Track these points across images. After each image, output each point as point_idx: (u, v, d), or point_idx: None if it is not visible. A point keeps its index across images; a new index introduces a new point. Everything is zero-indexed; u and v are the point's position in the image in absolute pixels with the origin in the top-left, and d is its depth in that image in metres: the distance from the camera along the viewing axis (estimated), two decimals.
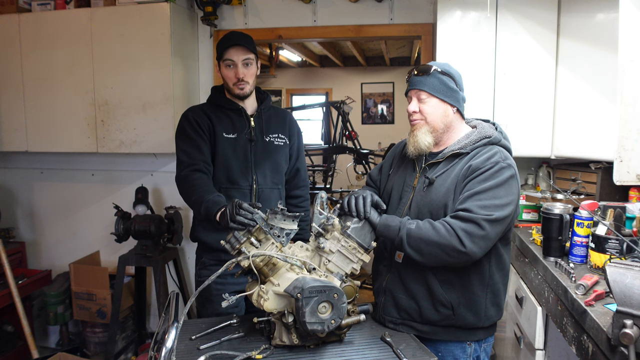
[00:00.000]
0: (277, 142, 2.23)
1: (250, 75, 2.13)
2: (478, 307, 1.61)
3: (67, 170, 3.63)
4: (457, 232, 1.46)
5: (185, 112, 2.18)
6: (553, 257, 1.91)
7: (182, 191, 2.02)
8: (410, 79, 1.68)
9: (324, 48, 6.80)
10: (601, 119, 2.36)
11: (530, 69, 2.58)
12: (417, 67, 1.69)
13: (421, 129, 1.65)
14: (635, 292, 1.11)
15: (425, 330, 1.64)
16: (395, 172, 1.81)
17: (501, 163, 1.55)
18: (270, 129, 2.23)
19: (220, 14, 3.25)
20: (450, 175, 1.60)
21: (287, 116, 2.35)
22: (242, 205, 1.58)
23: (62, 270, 3.58)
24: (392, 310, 1.68)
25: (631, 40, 1.68)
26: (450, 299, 1.59)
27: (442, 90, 1.63)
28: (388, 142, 5.80)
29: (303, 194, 2.39)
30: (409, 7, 3.08)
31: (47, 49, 3.14)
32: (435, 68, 1.64)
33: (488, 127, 1.69)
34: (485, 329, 1.67)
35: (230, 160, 2.12)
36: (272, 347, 1.49)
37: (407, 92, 1.70)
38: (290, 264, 1.50)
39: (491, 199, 1.49)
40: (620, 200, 2.24)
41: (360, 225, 1.54)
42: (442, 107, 1.64)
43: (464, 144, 1.63)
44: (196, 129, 2.10)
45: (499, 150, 1.60)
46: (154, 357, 1.42)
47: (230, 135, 2.13)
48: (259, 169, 2.16)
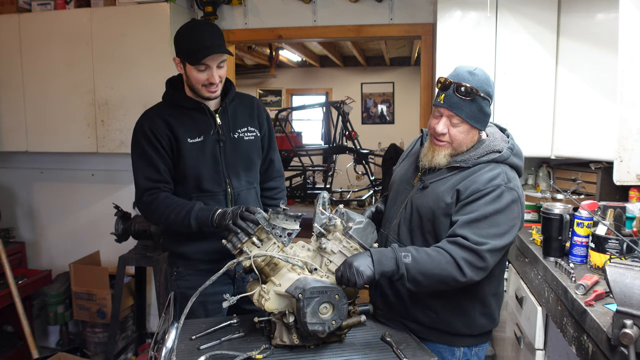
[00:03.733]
0: (247, 137, 2.00)
1: (223, 76, 1.90)
2: (466, 316, 1.57)
3: (67, 170, 3.63)
4: (459, 262, 1.40)
5: (140, 121, 1.91)
6: (553, 257, 1.91)
7: (152, 215, 1.89)
8: (446, 93, 1.49)
9: (324, 48, 6.81)
10: (601, 119, 2.36)
11: (530, 69, 2.58)
12: (459, 84, 1.47)
13: (444, 150, 1.54)
14: (635, 292, 1.11)
15: (413, 327, 1.61)
16: (403, 165, 1.76)
17: (503, 187, 1.45)
18: (238, 123, 1.99)
19: (220, 14, 3.25)
20: (445, 185, 1.53)
21: (254, 102, 2.10)
22: (246, 207, 1.60)
23: (62, 270, 3.58)
24: (382, 306, 1.67)
25: (631, 40, 1.68)
26: (435, 304, 1.56)
27: (478, 117, 1.50)
28: (388, 142, 5.81)
29: (278, 184, 2.20)
30: (409, 7, 3.08)
31: (47, 49, 3.14)
32: (479, 93, 1.47)
33: (500, 140, 1.58)
34: (475, 337, 1.61)
35: (200, 168, 1.89)
36: (272, 347, 1.49)
37: (437, 106, 1.53)
38: (292, 264, 1.50)
39: (490, 227, 1.43)
40: (620, 200, 2.24)
41: (362, 226, 1.54)
42: (472, 133, 1.54)
43: (468, 157, 1.55)
44: (153, 143, 1.85)
45: (504, 171, 1.50)
46: (154, 357, 1.43)
47: (195, 140, 1.89)
48: (231, 171, 1.95)
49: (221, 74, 1.87)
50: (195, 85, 1.86)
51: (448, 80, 1.50)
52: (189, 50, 1.81)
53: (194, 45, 1.80)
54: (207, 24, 1.92)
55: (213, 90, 1.87)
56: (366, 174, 5.94)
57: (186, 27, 1.86)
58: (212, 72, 1.83)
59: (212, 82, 1.84)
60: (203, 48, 1.78)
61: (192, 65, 1.81)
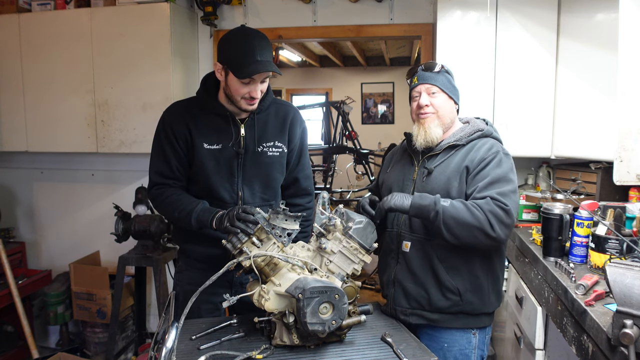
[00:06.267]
0: (270, 153, 1.89)
1: (264, 90, 1.82)
2: (482, 291, 1.68)
3: (67, 170, 3.63)
4: (489, 216, 1.52)
5: (164, 114, 1.91)
6: (553, 257, 1.91)
7: (158, 209, 1.93)
8: (417, 74, 1.75)
9: (324, 48, 6.80)
10: (601, 119, 2.36)
11: (530, 68, 2.58)
12: (423, 63, 1.76)
13: (433, 121, 1.71)
14: (635, 292, 1.11)
15: (435, 318, 1.69)
16: (394, 169, 1.87)
17: (501, 152, 1.66)
18: (265, 136, 1.89)
19: (220, 14, 3.25)
20: (450, 165, 1.68)
21: (290, 114, 1.96)
22: (243, 207, 1.59)
23: (62, 270, 3.57)
24: (402, 301, 1.72)
25: (631, 40, 1.68)
26: (457, 285, 1.65)
27: (449, 87, 1.73)
28: (388, 142, 5.80)
29: (301, 202, 2.05)
30: (409, 7, 3.08)
31: (47, 49, 3.14)
32: (442, 65, 1.74)
33: (480, 122, 1.79)
34: (488, 315, 1.75)
35: (213, 176, 1.84)
36: (272, 347, 1.49)
37: (414, 87, 1.75)
38: (292, 264, 1.50)
39: (506, 185, 1.58)
40: (620, 200, 2.24)
41: (362, 226, 1.54)
42: (450, 103, 1.74)
43: (459, 137, 1.72)
44: (170, 139, 1.84)
45: (494, 141, 1.72)
46: (154, 357, 1.42)
47: (212, 147, 1.83)
48: (247, 184, 1.88)
49: (263, 89, 1.79)
50: (234, 96, 1.77)
51: (416, 67, 1.76)
52: (237, 63, 1.70)
53: (243, 57, 1.69)
54: (259, 35, 1.75)
55: (253, 104, 1.79)
56: (366, 174, 5.93)
57: (236, 35, 1.74)
58: (255, 87, 1.75)
59: (253, 96, 1.76)
60: (253, 62, 1.68)
61: (238, 78, 1.72)
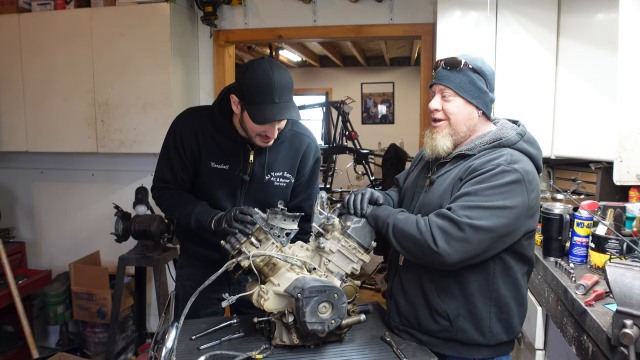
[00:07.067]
0: (277, 183, 1.84)
1: (282, 127, 1.73)
2: (480, 321, 1.44)
3: (67, 170, 3.63)
4: (432, 229, 1.34)
5: (176, 120, 1.86)
6: (553, 257, 1.91)
7: (160, 206, 1.95)
8: (437, 71, 1.49)
9: (324, 48, 6.80)
10: (601, 119, 2.36)
11: (530, 69, 2.58)
12: (446, 58, 1.48)
13: (442, 131, 1.49)
14: (635, 292, 1.11)
15: (425, 340, 1.50)
16: (413, 174, 1.70)
17: (504, 166, 1.35)
18: (274, 166, 1.82)
19: (220, 14, 3.25)
20: (450, 176, 1.47)
21: (303, 145, 1.87)
22: (241, 208, 1.60)
23: (62, 270, 3.57)
24: (395, 316, 1.59)
25: (631, 40, 1.68)
26: (447, 309, 1.44)
27: (470, 90, 1.45)
28: (388, 142, 5.79)
29: (303, 226, 1.89)
30: (409, 7, 3.08)
31: (47, 49, 3.14)
32: (466, 63, 1.45)
33: (509, 129, 1.50)
34: (491, 348, 1.47)
35: (215, 193, 1.83)
36: (272, 347, 1.49)
37: (431, 86, 1.52)
38: (291, 264, 1.50)
39: (478, 201, 1.32)
40: (620, 200, 2.23)
41: (360, 225, 1.54)
42: (468, 109, 1.47)
43: (474, 145, 1.47)
44: (177, 148, 1.81)
45: (510, 153, 1.41)
46: (154, 357, 1.42)
47: (220, 166, 1.79)
48: (248, 205, 1.79)
49: (281, 126, 1.72)
50: (249, 132, 1.70)
51: (439, 61, 1.51)
52: (253, 103, 1.60)
53: (261, 98, 1.58)
54: (279, 71, 1.60)
55: (268, 142, 1.71)
56: (366, 174, 5.92)
57: (256, 71, 1.59)
58: (272, 128, 1.66)
59: (269, 136, 1.69)
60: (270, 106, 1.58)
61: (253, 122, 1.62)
